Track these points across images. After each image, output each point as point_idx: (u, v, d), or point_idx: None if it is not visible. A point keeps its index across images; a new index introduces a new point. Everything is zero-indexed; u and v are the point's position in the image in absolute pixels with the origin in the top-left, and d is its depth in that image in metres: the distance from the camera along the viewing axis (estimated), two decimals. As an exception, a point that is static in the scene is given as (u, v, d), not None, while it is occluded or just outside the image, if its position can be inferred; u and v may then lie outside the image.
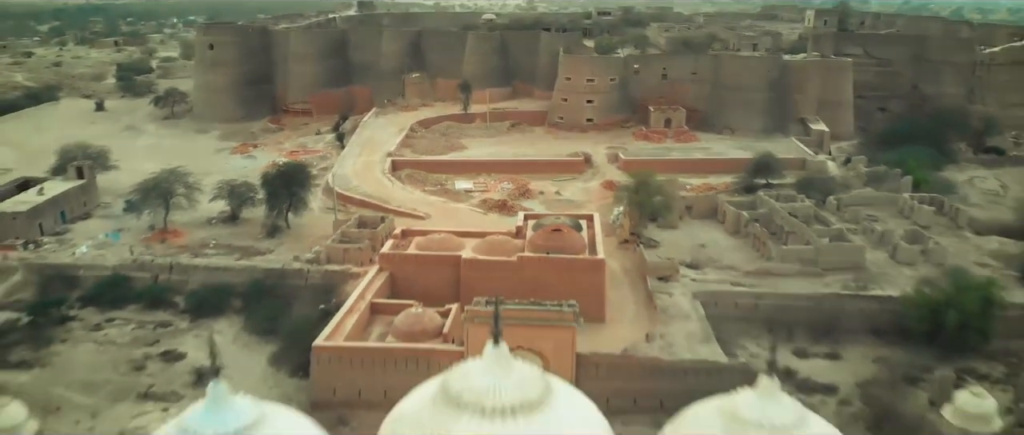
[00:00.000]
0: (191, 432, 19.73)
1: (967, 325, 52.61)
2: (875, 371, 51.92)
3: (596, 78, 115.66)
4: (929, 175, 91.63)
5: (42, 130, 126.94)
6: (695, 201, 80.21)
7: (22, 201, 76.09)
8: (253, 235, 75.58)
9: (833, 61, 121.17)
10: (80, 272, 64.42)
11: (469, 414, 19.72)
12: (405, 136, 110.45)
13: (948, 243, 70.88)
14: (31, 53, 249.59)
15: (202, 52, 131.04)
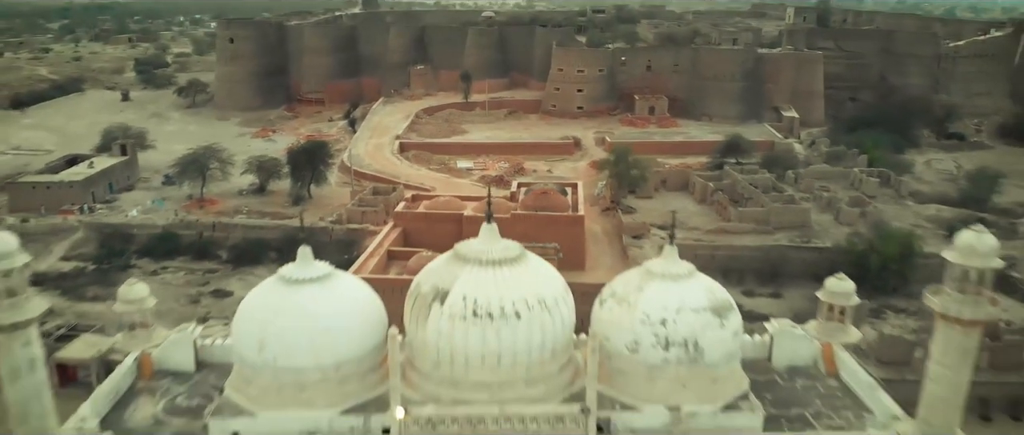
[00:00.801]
0: (288, 277, 30.47)
1: (887, 268, 62.86)
2: (808, 306, 62.12)
3: (586, 69, 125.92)
4: (884, 155, 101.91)
5: (75, 117, 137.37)
6: (669, 175, 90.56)
7: (77, 173, 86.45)
8: (279, 204, 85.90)
9: (804, 54, 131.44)
10: (134, 230, 74.77)
11: (471, 264, 30.18)
12: (411, 122, 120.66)
13: (889, 209, 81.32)
14: (49, 49, 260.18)
15: (223, 46, 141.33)
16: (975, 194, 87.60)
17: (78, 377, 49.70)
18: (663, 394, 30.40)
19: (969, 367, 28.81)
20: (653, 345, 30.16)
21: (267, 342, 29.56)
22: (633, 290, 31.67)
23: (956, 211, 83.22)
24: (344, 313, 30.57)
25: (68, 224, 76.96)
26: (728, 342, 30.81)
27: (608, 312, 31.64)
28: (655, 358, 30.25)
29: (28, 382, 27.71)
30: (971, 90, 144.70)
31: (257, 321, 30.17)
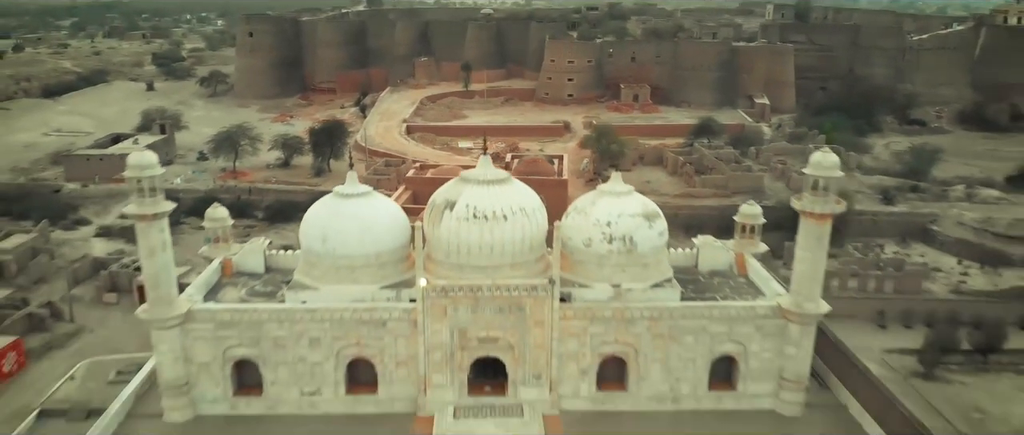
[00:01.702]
0: (342, 193, 42.47)
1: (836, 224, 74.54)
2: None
3: (576, 60, 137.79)
4: (842, 136, 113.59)
5: (105, 105, 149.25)
6: (646, 151, 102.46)
7: (124, 148, 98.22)
8: (303, 176, 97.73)
9: (776, 47, 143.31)
10: (180, 195, 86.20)
11: (472, 183, 42.14)
12: (416, 108, 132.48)
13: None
14: (66, 44, 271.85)
15: (243, 39, 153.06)
16: (916, 167, 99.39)
17: (155, 298, 61.41)
18: (608, 276, 42.37)
19: (824, 251, 40.83)
20: (601, 241, 42.15)
21: (328, 237, 41.57)
22: (589, 204, 43.78)
23: (896, 180, 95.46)
24: (381, 218, 42.65)
25: (121, 190, 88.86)
26: (655, 239, 42.79)
27: (571, 220, 43.64)
28: (602, 250, 42.23)
29: (161, 259, 39.63)
30: (934, 80, 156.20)
31: (321, 222, 42.19)
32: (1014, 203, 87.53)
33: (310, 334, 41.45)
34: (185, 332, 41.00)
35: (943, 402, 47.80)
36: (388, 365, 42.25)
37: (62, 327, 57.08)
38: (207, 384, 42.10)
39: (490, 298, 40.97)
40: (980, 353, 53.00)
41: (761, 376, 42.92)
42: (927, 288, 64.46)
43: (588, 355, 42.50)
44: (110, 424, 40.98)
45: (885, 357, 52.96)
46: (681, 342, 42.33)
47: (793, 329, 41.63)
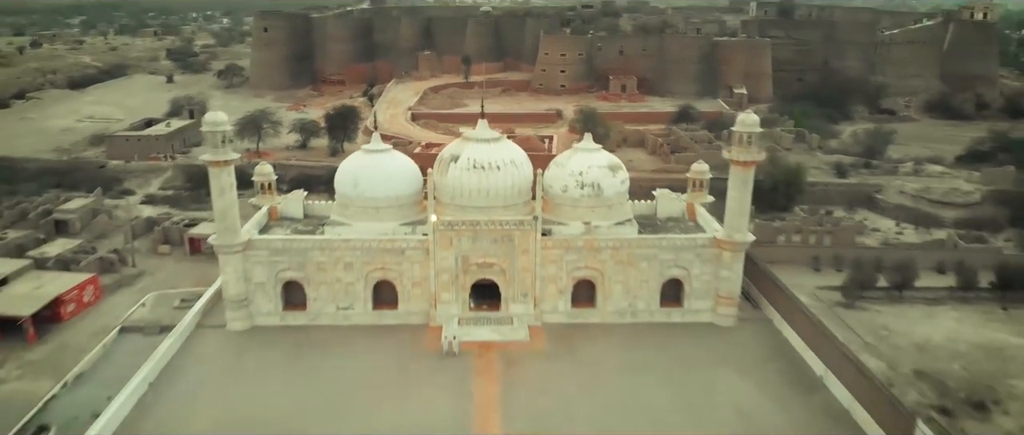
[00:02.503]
0: (368, 149, 53.41)
1: (776, 189, 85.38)
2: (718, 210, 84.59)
3: (568, 53, 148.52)
4: (810, 121, 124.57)
5: (130, 95, 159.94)
6: (629, 134, 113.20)
7: (159, 130, 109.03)
8: (320, 155, 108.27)
9: (754, 41, 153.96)
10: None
11: (472, 141, 53.09)
12: (421, 97, 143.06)
13: (800, 156, 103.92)
14: (82, 40, 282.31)
15: (258, 34, 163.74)
16: (872, 147, 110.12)
17: (202, 249, 72.22)
18: (580, 215, 53.25)
19: (748, 192, 51.69)
20: (575, 187, 53.05)
21: (358, 182, 52.50)
22: (566, 159, 54.75)
23: (852, 158, 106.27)
24: (400, 169, 53.66)
25: (159, 166, 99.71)
26: (618, 186, 53.68)
27: (551, 171, 54.56)
28: (576, 195, 53.11)
29: (228, 197, 50.47)
30: (904, 72, 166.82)
31: (352, 171, 53.14)
32: (955, 177, 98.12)
33: (345, 260, 52.35)
34: (246, 258, 51.90)
35: (857, 323, 58.51)
36: (406, 285, 53.18)
37: (126, 270, 67.86)
38: (262, 300, 53.02)
39: (486, 231, 51.83)
40: (896, 289, 63.76)
41: (702, 295, 53.87)
42: (861, 241, 75.21)
43: (564, 278, 53.41)
44: (183, 333, 51.86)
45: (816, 292, 63.63)
46: (638, 267, 53.23)
47: (726, 255, 52.56)
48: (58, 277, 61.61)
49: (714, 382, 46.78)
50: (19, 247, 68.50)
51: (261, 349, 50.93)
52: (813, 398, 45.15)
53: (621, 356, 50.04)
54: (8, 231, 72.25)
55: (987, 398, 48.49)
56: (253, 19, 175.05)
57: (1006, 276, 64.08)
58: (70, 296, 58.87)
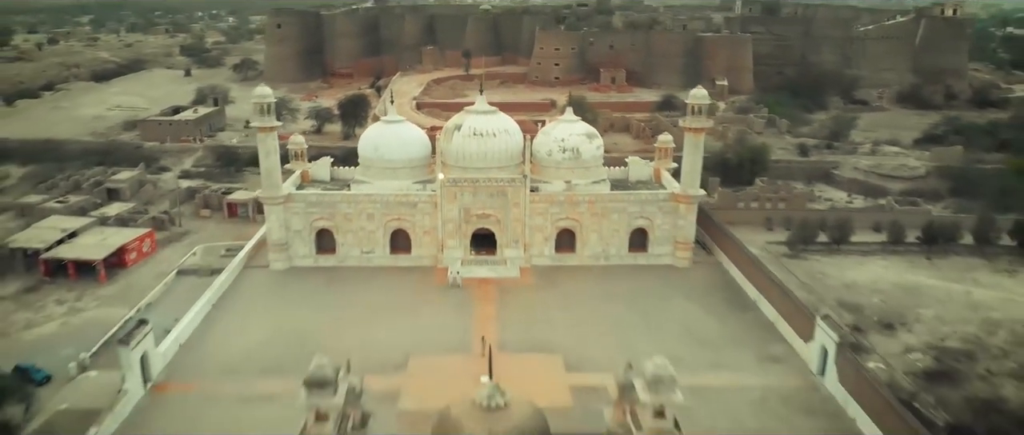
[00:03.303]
0: (386, 120, 64.38)
1: (742, 166, 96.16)
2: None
3: (561, 48, 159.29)
4: (783, 109, 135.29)
5: (152, 87, 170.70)
6: (616, 120, 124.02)
7: (188, 116, 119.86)
8: (334, 139, 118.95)
9: (735, 37, 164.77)
10: (238, 150, 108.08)
11: (473, 113, 64.13)
12: (424, 89, 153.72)
13: (768, 138, 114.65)
14: (96, 38, 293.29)
15: (271, 30, 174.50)
16: (836, 131, 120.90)
17: (238, 213, 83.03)
18: (562, 175, 64.05)
19: (699, 155, 62.53)
20: (558, 151, 63.89)
21: (378, 147, 63.36)
22: (551, 128, 65.66)
23: (817, 140, 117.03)
24: (412, 137, 64.52)
25: (190, 147, 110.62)
26: (593, 150, 64.52)
27: (538, 139, 65.47)
28: (558, 158, 63.95)
29: (272, 158, 61.33)
30: (878, 66, 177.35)
31: (373, 138, 64.04)
32: (907, 156, 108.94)
33: (367, 212, 63.21)
34: (286, 209, 62.79)
35: (797, 269, 69.32)
36: (417, 233, 64.04)
37: (174, 229, 78.71)
38: (299, 245, 63.90)
39: (484, 187, 62.69)
40: (834, 243, 74.59)
41: (663, 241, 64.76)
42: (811, 207, 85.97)
43: (549, 227, 64.28)
44: (234, 271, 62.72)
45: (766, 246, 74.40)
46: (610, 219, 64.11)
47: (682, 208, 63.48)
48: (119, 232, 72.50)
49: (668, 305, 57.69)
50: (81, 209, 79.39)
51: (299, 284, 61.85)
52: (746, 315, 56.10)
53: (595, 289, 60.90)
54: (69, 196, 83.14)
55: (896, 321, 59.39)
56: (266, 16, 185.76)
57: (931, 232, 74.97)
58: (132, 246, 69.74)
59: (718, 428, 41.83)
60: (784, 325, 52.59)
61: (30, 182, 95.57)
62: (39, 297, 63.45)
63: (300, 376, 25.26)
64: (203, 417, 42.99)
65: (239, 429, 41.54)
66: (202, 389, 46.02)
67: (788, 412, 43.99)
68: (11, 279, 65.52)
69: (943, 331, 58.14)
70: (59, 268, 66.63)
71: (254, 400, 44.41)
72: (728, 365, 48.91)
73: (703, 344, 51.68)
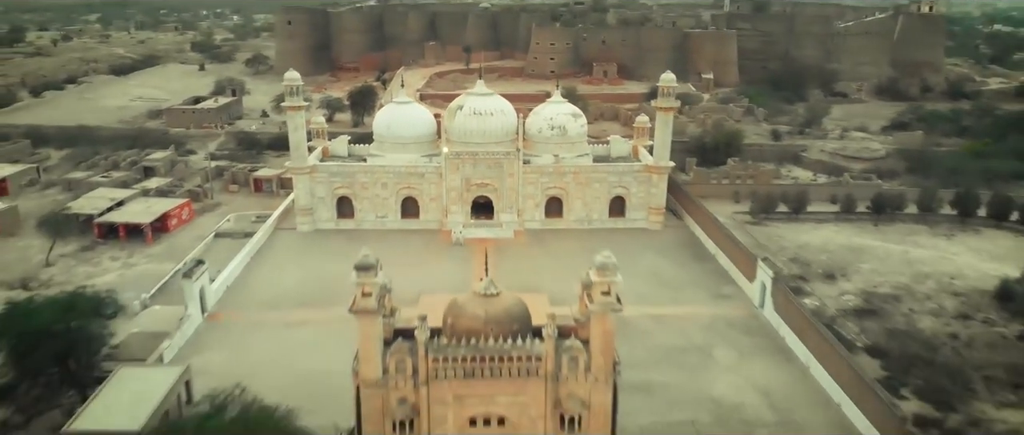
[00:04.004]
0: (397, 101, 74.21)
1: (718, 148, 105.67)
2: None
3: (556, 43, 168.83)
4: (763, 101, 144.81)
5: (169, 80, 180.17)
6: (605, 109, 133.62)
7: (210, 105, 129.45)
8: (344, 126, 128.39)
9: (721, 33, 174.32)
10: (257, 136, 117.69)
11: (473, 95, 73.93)
12: (428, 81, 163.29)
13: (746, 126, 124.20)
14: (108, 35, 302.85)
15: (282, 27, 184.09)
16: (810, 119, 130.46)
17: (263, 188, 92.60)
18: (551, 150, 73.72)
19: (668, 132, 72.18)
20: (547, 129, 73.54)
21: (390, 125, 73.06)
22: (541, 109, 75.29)
23: (790, 126, 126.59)
24: (420, 116, 74.26)
25: (213, 133, 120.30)
26: (578, 128, 74.23)
27: (530, 118, 75.17)
28: (548, 135, 73.62)
29: (300, 134, 71.00)
30: (858, 60, 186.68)
31: (386, 117, 73.79)
32: (872, 140, 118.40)
33: (381, 181, 72.85)
34: (312, 178, 72.42)
35: (757, 233, 78.85)
36: (425, 200, 73.69)
37: (207, 201, 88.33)
38: (322, 210, 73.58)
39: (483, 160, 72.32)
40: (793, 212, 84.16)
41: (638, 207, 74.44)
42: (775, 183, 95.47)
43: (539, 195, 73.90)
44: (266, 232, 72.37)
45: (732, 215, 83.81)
46: (592, 188, 73.76)
47: (654, 178, 73.15)
48: (160, 201, 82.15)
49: (640, 259, 67.35)
50: (123, 183, 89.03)
51: (323, 243, 71.53)
52: (705, 265, 65.83)
53: (578, 247, 70.31)
54: (111, 172, 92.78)
55: (837, 273, 69.01)
56: (270, 15, 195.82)
57: (879, 202, 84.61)
58: (174, 213, 79.40)
59: (671, 344, 51.56)
60: (735, 271, 62.26)
61: (70, 162, 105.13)
62: (95, 255, 73.06)
63: (327, 309, 35.10)
64: (252, 337, 52.66)
65: (281, 346, 51.19)
66: (248, 318, 55.71)
67: (731, 333, 53.72)
68: (70, 240, 75.04)
69: (877, 281, 67.76)
70: (111, 231, 76.29)
71: (291, 325, 54.15)
72: (685, 301, 58.65)
73: (666, 286, 61.38)
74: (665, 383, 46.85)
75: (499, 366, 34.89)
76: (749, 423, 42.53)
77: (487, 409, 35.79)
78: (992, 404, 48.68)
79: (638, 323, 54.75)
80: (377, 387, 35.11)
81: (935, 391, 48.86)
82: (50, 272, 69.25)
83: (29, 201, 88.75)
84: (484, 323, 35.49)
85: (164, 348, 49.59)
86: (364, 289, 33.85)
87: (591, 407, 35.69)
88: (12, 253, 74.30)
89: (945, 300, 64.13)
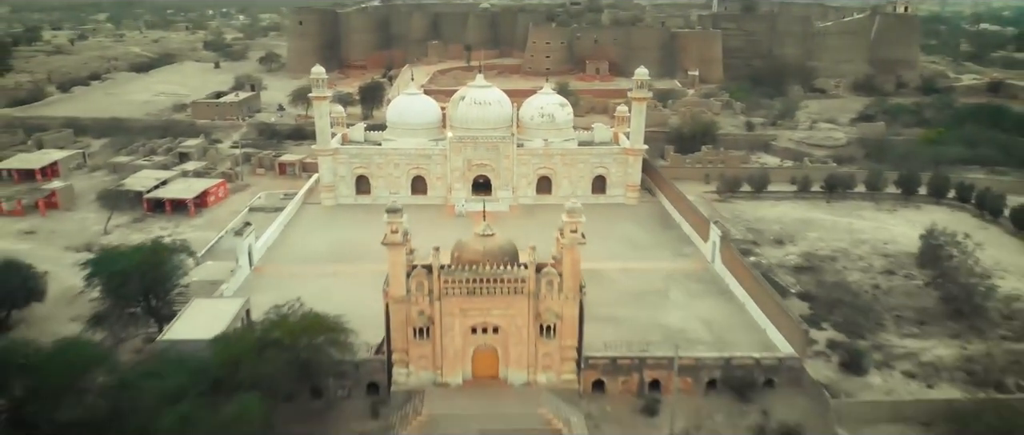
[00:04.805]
0: (407, 93, 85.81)
1: (694, 137, 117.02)
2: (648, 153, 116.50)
3: (552, 42, 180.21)
4: (743, 96, 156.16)
5: (188, 77, 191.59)
6: (595, 104, 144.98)
7: (231, 99, 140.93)
8: (354, 119, 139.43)
9: (706, 32, 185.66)
10: (276, 126, 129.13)
11: (473, 87, 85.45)
12: (430, 78, 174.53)
13: (723, 117, 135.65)
14: (123, 34, 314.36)
15: (293, 26, 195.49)
16: (783, 111, 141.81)
17: (287, 171, 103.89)
18: (541, 135, 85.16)
19: (642, 120, 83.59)
20: (538, 117, 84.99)
21: (402, 113, 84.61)
22: (533, 99, 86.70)
23: (764, 118, 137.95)
24: (428, 105, 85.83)
25: (236, 124, 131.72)
26: (566, 116, 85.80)
27: (523, 107, 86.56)
28: (539, 121, 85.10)
29: (325, 121, 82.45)
30: (837, 58, 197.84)
31: (398, 107, 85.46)
32: (837, 130, 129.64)
33: (394, 162, 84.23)
34: (334, 159, 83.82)
35: (721, 208, 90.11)
36: (432, 179, 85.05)
37: (239, 182, 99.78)
38: (343, 187, 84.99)
39: (482, 143, 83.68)
40: (755, 191, 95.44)
41: (617, 185, 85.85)
42: (742, 167, 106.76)
43: (531, 174, 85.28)
44: (296, 205, 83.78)
45: (702, 194, 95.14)
46: (577, 168, 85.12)
47: (630, 159, 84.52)
48: (199, 180, 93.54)
49: (617, 227, 78.74)
50: (164, 166, 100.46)
51: (344, 214, 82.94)
52: (670, 232, 77.31)
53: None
54: (152, 157, 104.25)
55: (786, 240, 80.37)
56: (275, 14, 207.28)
57: (832, 182, 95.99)
58: (212, 190, 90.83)
59: (636, 289, 62.99)
60: (695, 236, 73.72)
61: (110, 149, 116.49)
62: (146, 225, 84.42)
63: (351, 264, 46.27)
64: (291, 284, 63.90)
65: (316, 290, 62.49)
66: (287, 271, 67.13)
67: (686, 281, 65.20)
68: (124, 212, 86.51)
69: (819, 246, 79.15)
70: (157, 205, 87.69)
71: (323, 276, 65.53)
72: (651, 258, 70.09)
73: (636, 247, 72.83)
74: (628, 316, 58.26)
75: (494, 287, 46.39)
76: (690, 342, 53.87)
77: (484, 319, 47.32)
78: (897, 335, 60.07)
79: (611, 275, 66.18)
80: (402, 302, 46.59)
81: (850, 325, 60.32)
82: (108, 239, 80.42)
83: (79, 181, 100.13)
84: (482, 255, 47.00)
85: (222, 290, 60.97)
86: (392, 227, 45.29)
87: (563, 318, 47.19)
88: (73, 224, 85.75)
89: (875, 260, 75.51)
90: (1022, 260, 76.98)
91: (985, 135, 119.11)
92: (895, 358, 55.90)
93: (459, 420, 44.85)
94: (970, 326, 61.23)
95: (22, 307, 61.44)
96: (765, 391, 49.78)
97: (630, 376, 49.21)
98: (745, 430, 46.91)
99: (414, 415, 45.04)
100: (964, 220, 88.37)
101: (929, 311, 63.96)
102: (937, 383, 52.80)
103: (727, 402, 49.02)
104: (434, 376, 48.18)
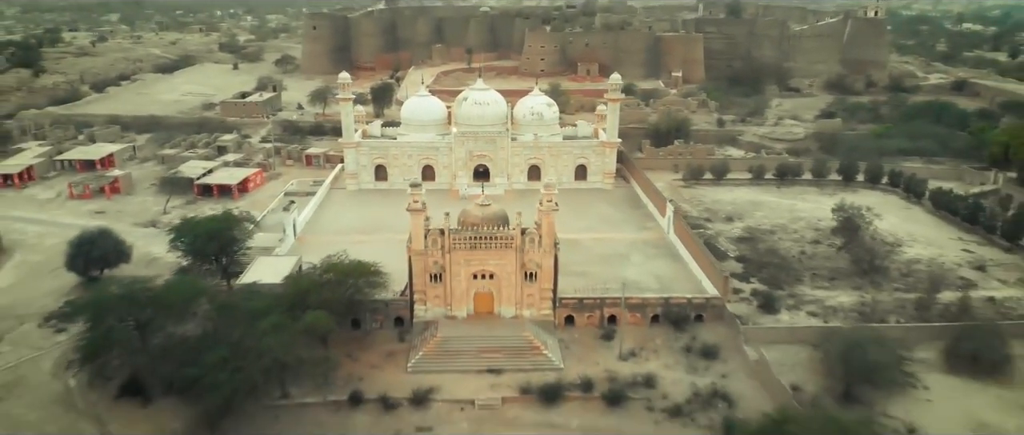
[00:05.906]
0: (418, 95, 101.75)
1: (669, 132, 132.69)
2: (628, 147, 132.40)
3: (547, 45, 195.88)
4: (720, 95, 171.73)
5: (210, 78, 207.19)
6: (584, 103, 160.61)
7: (256, 99, 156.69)
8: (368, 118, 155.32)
9: (689, 35, 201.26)
10: (298, 123, 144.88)
11: (474, 89, 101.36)
12: (434, 79, 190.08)
13: (699, 115, 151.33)
14: (140, 36, 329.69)
15: (308, 30, 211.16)
16: (753, 109, 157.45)
17: (313, 163, 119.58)
18: (532, 130, 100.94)
19: (617, 117, 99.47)
20: (529, 114, 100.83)
21: (414, 111, 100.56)
22: (524, 100, 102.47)
23: (736, 115, 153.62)
24: (435, 105, 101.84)
25: (262, 121, 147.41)
26: (552, 114, 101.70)
27: (516, 107, 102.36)
28: (530, 118, 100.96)
29: (349, 118, 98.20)
30: (811, 59, 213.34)
31: (411, 105, 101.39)
32: (797, 126, 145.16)
33: (408, 153, 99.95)
34: (357, 150, 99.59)
35: (686, 193, 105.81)
36: (440, 167, 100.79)
37: (272, 171, 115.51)
38: (364, 175, 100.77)
39: (482, 137, 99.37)
40: (716, 178, 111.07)
41: (596, 172, 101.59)
42: (708, 158, 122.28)
43: (523, 163, 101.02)
44: (325, 190, 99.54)
45: (670, 182, 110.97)
46: (562, 158, 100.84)
47: (607, 150, 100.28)
48: (240, 169, 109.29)
49: (593, 207, 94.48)
50: (206, 157, 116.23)
51: (366, 198, 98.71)
52: (638, 211, 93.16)
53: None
54: (195, 149, 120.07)
55: (735, 217, 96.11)
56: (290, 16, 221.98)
57: (782, 170, 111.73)
58: (252, 178, 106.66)
59: (604, 253, 78.81)
60: (657, 214, 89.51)
61: (154, 143, 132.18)
62: (197, 206, 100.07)
63: (376, 234, 62.44)
64: (329, 249, 79.52)
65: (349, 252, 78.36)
66: (324, 239, 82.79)
67: (645, 247, 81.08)
68: (178, 195, 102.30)
69: (763, 221, 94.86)
70: (205, 190, 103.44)
71: (354, 243, 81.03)
72: (619, 230, 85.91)
73: (608, 222, 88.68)
74: (595, 272, 74.07)
75: (490, 243, 62.16)
76: (641, 289, 69.71)
77: (483, 267, 63.14)
78: (810, 287, 75.79)
79: (585, 243, 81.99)
80: (421, 255, 62.44)
81: (773, 279, 76.06)
82: (168, 217, 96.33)
83: (132, 171, 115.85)
84: (481, 220, 62.80)
85: (277, 251, 76.82)
86: (414, 197, 61.06)
87: (542, 267, 63.01)
88: (135, 205, 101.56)
89: (807, 233, 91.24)
90: (931, 232, 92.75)
91: (928, 130, 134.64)
92: (804, 303, 71.67)
93: (465, 340, 60.71)
94: (871, 281, 77.02)
95: (113, 267, 77.27)
96: (695, 323, 65.71)
97: (593, 312, 65.07)
98: (678, 350, 62.78)
99: (431, 337, 60.89)
100: (892, 201, 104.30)
101: (841, 271, 79.61)
102: (832, 319, 68.60)
103: (666, 330, 64.98)
104: (445, 311, 64.00)
